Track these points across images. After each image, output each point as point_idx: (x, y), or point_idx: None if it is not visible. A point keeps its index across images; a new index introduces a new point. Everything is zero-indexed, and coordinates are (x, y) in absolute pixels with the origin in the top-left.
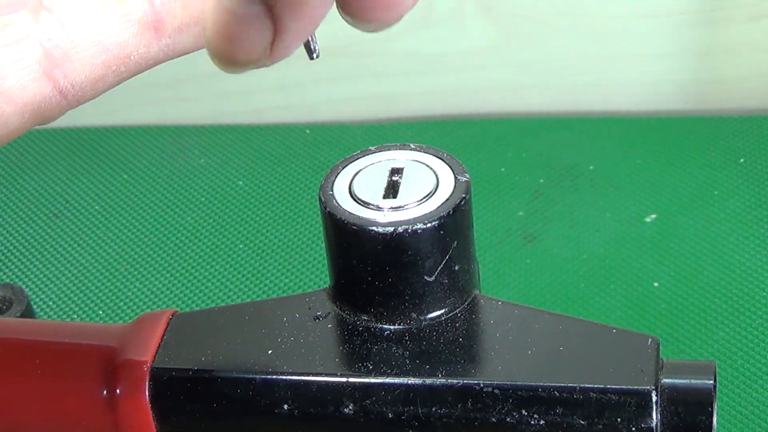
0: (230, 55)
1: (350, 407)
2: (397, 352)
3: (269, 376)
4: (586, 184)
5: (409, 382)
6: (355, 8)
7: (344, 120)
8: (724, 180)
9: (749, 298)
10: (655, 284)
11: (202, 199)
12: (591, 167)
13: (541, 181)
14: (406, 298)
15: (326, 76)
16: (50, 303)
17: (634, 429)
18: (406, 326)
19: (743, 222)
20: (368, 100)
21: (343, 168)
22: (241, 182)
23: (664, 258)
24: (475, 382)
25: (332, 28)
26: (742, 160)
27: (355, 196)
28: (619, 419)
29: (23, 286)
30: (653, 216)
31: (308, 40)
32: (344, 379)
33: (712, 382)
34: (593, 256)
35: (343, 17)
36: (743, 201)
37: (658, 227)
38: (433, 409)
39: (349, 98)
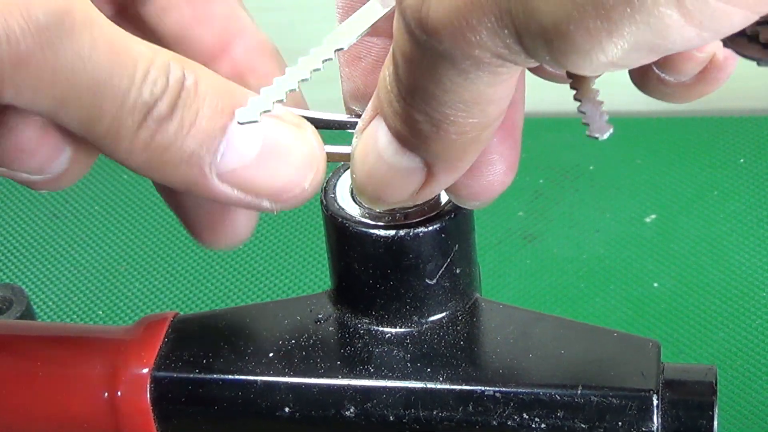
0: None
1: (351, 410)
2: (398, 355)
3: (270, 379)
4: (586, 184)
5: (411, 385)
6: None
7: None
8: (724, 180)
9: (749, 299)
10: (655, 284)
11: None
12: (591, 167)
13: (541, 181)
14: (408, 301)
15: (326, 76)
16: (50, 303)
17: None
18: (408, 329)
19: (743, 222)
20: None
21: (345, 170)
22: None
23: (663, 258)
24: (477, 385)
25: (332, 28)
26: (742, 160)
27: (357, 199)
28: (620, 423)
29: (23, 286)
30: (653, 216)
31: None
32: (345, 382)
33: (712, 385)
34: (593, 257)
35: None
36: (743, 201)
37: (658, 227)
38: (435, 413)
39: None
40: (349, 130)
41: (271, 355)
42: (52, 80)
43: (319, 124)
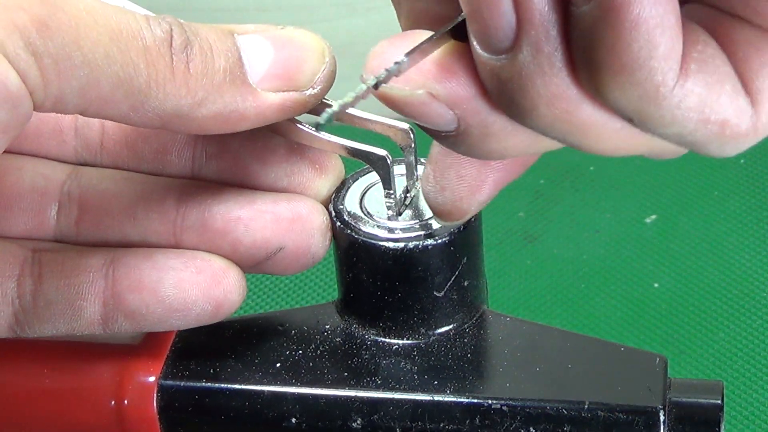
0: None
1: (358, 422)
2: (405, 367)
3: (277, 389)
4: (586, 184)
5: (418, 397)
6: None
7: None
8: (724, 181)
9: (749, 299)
10: (655, 285)
11: None
12: (591, 168)
13: (542, 181)
14: (415, 313)
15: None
16: None
17: None
18: (415, 341)
19: (743, 223)
20: (368, 100)
21: (354, 182)
22: None
23: (664, 259)
24: (484, 398)
25: (332, 27)
26: (742, 160)
27: (366, 211)
28: None
29: None
30: (653, 217)
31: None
32: (352, 393)
33: (719, 401)
34: (593, 257)
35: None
36: (743, 202)
37: (658, 228)
38: (441, 425)
39: None
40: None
41: (278, 365)
42: (76, 36)
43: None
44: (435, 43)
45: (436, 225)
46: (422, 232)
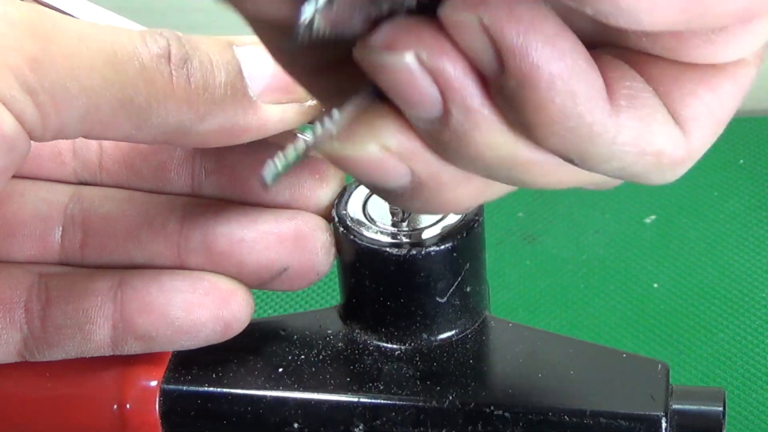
0: None
1: (360, 427)
2: (407, 373)
3: (279, 394)
4: None
5: (420, 403)
6: None
7: None
8: (723, 181)
9: (749, 300)
10: (655, 285)
11: None
12: None
13: None
14: (418, 318)
15: None
16: None
17: None
18: (417, 347)
19: (743, 223)
20: None
21: (356, 187)
22: None
23: (663, 259)
24: (485, 404)
25: None
26: (742, 160)
27: (369, 216)
28: None
29: None
30: (653, 217)
31: None
32: (354, 399)
33: (721, 408)
34: (593, 257)
35: None
36: (743, 202)
37: (658, 228)
38: (443, 431)
39: None
40: None
41: (280, 370)
42: (70, 66)
43: None
44: (362, 103)
45: (439, 231)
46: (425, 238)
